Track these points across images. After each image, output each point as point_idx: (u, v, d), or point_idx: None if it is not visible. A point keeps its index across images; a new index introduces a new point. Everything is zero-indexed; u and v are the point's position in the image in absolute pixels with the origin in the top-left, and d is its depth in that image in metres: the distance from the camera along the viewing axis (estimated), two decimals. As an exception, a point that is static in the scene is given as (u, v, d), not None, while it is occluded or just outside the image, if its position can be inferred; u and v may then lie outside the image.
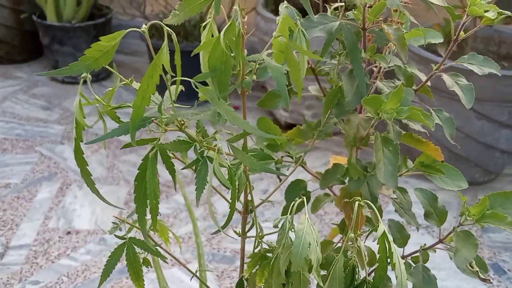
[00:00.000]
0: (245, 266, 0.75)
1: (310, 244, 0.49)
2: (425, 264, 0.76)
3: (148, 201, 0.52)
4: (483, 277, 0.69)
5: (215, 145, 0.51)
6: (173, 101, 0.52)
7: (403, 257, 0.77)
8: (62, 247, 1.73)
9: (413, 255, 0.78)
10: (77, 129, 0.54)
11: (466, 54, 2.13)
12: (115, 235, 0.67)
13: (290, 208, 0.55)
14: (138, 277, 0.67)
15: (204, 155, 0.52)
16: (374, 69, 0.74)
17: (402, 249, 0.77)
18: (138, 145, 0.52)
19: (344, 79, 0.65)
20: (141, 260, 0.69)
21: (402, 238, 0.76)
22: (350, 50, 0.64)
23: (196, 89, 0.56)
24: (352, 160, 0.68)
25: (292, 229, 0.52)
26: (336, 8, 0.66)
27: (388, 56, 0.70)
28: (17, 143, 2.29)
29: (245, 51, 0.56)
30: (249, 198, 0.68)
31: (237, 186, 0.57)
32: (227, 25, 0.49)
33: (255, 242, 0.70)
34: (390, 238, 0.51)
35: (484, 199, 0.68)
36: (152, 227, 0.62)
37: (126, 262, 0.67)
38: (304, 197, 0.56)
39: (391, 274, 0.71)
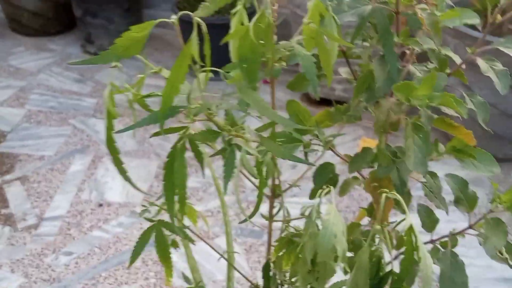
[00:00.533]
0: (272, 248, 0.76)
1: (336, 235, 0.49)
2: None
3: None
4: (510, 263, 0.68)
5: (243, 133, 0.51)
6: (202, 90, 0.52)
7: (431, 241, 0.76)
8: (94, 219, 1.76)
9: (441, 240, 0.77)
10: (108, 118, 0.54)
11: (504, 29, 2.06)
12: (144, 217, 0.68)
13: (316, 196, 0.55)
14: (166, 259, 0.68)
15: (232, 143, 0.52)
16: (407, 51, 0.72)
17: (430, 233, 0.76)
18: (167, 133, 0.52)
19: (375, 64, 0.63)
20: (170, 241, 0.70)
21: (431, 223, 0.75)
22: (382, 34, 0.63)
23: (225, 73, 0.56)
24: (382, 145, 0.67)
25: (319, 218, 0.52)
26: (368, -9, 0.65)
27: (422, 39, 0.69)
28: (51, 115, 2.33)
29: (275, 37, 0.56)
30: (276, 182, 0.68)
31: (265, 173, 0.57)
32: (257, 15, 0.48)
33: (282, 227, 0.70)
34: (417, 230, 0.50)
35: (516, 187, 0.66)
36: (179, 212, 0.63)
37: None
38: (331, 186, 0.56)
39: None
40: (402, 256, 0.53)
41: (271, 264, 0.73)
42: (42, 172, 1.97)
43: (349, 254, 0.73)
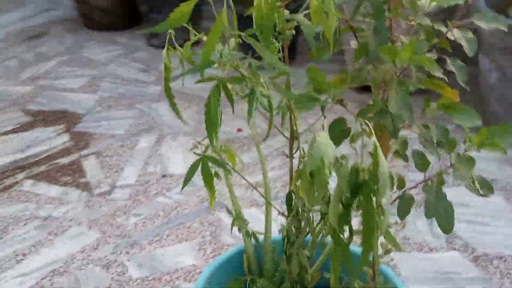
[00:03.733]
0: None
1: (324, 150, 0.68)
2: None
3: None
4: (482, 193, 0.86)
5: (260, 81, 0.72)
6: (232, 49, 0.73)
7: (424, 180, 0.94)
8: (158, 187, 2.01)
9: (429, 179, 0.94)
10: (166, 72, 0.76)
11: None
12: (194, 152, 0.89)
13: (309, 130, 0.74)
14: (210, 186, 0.89)
15: (253, 88, 0.72)
16: (403, 26, 0.91)
17: (423, 173, 0.94)
18: (207, 81, 0.73)
19: (370, 34, 0.82)
20: (213, 173, 0.91)
21: (423, 164, 0.93)
22: (375, 10, 0.81)
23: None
24: (377, 98, 0.85)
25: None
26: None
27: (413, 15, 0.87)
28: (120, 100, 2.60)
29: (287, 11, 0.76)
30: (294, 128, 0.88)
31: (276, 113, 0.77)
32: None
33: (298, 162, 0.90)
34: (379, 149, 0.69)
35: (483, 130, 0.84)
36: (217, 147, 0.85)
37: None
38: (324, 117, 0.75)
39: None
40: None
41: (293, 195, 0.93)
42: (113, 148, 2.24)
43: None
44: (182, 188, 0.89)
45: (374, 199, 0.70)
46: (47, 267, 1.66)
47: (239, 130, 2.32)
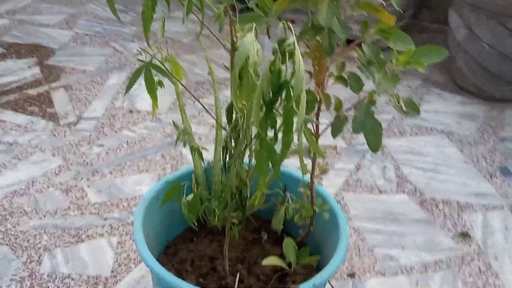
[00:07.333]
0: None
1: (249, 50, 0.72)
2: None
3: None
4: (406, 111, 0.90)
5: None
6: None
7: (358, 102, 0.98)
8: (124, 121, 2.04)
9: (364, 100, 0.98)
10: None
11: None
12: (138, 59, 0.93)
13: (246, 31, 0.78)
14: (153, 92, 0.93)
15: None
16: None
17: (358, 94, 0.99)
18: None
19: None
20: (157, 81, 0.95)
21: (358, 86, 0.97)
22: None
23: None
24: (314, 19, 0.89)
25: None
26: None
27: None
28: (95, 38, 2.61)
29: None
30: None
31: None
32: None
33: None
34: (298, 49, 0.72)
35: (410, 50, 0.88)
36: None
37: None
38: (255, 24, 0.79)
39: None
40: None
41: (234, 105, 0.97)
42: (83, 83, 2.26)
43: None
44: (125, 93, 0.93)
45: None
46: (8, 188, 1.70)
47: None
